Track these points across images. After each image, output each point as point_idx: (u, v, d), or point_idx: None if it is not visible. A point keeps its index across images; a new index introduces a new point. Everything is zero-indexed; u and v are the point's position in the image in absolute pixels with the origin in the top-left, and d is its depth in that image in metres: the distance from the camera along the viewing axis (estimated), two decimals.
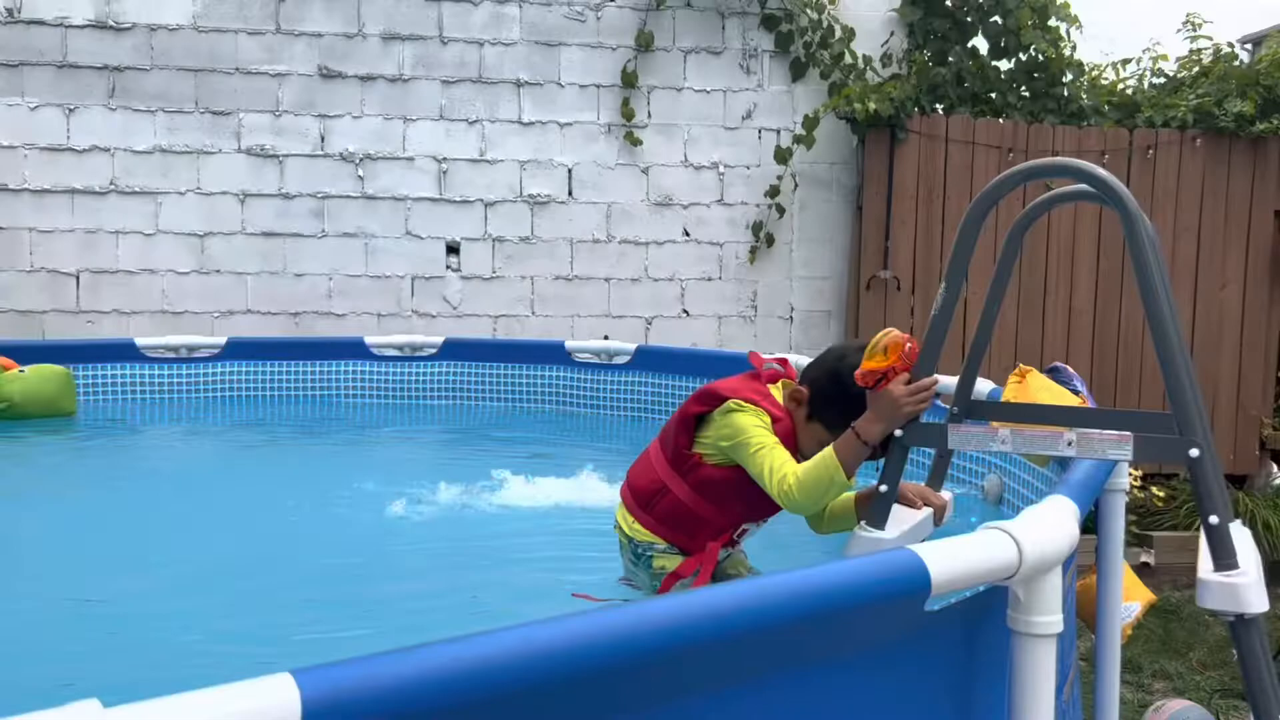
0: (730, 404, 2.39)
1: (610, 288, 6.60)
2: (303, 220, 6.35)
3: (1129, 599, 2.52)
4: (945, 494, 2.31)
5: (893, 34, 6.64)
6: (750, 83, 6.63)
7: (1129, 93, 6.76)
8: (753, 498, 2.39)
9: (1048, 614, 1.36)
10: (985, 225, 1.91)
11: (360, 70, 6.35)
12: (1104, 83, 6.90)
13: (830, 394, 2.33)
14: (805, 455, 2.37)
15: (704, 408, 2.46)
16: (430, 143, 6.43)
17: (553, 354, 5.60)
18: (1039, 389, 2.65)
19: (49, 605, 2.68)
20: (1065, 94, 6.54)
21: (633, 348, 5.46)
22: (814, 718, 1.22)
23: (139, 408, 5.40)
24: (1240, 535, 1.73)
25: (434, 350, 5.79)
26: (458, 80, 6.43)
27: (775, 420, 2.38)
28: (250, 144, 6.30)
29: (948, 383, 2.34)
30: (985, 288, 2.27)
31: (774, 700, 1.19)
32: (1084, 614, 2.55)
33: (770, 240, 6.64)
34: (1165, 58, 6.93)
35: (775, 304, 6.72)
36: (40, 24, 6.07)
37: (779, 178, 6.61)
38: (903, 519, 2.04)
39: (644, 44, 6.47)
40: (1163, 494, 6.33)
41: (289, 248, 6.35)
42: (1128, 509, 3.76)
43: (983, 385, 3.43)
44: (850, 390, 2.21)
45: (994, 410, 2.30)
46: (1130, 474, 4.65)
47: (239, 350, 5.61)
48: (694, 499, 2.46)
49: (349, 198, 6.39)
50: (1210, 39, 6.90)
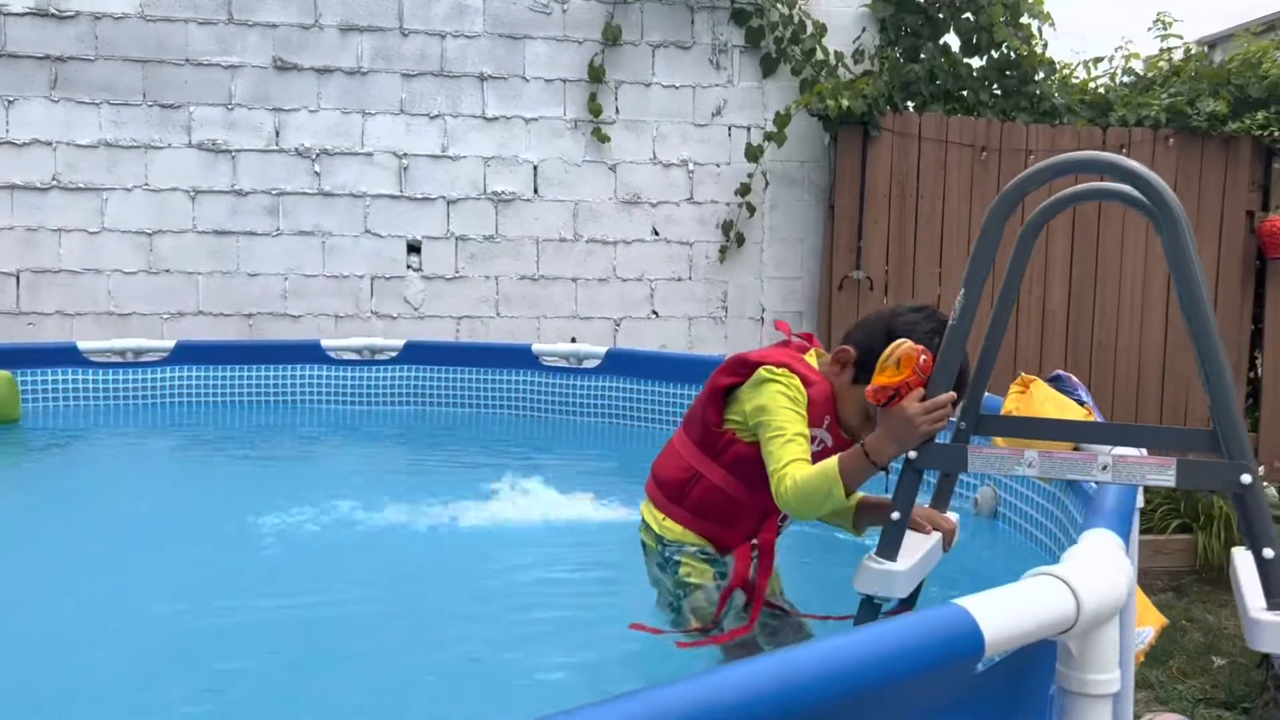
0: (762, 372, 2.21)
1: (577, 288, 6.41)
2: (256, 218, 6.10)
3: (1141, 623, 2.39)
4: (952, 516, 2.16)
5: (864, 30, 6.52)
6: (720, 78, 6.48)
7: (1101, 91, 6.70)
8: None
9: (1105, 671, 1.22)
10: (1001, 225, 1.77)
11: (317, 62, 6.11)
12: (1075, 81, 6.83)
13: (875, 349, 2.12)
14: (847, 424, 2.21)
15: (735, 379, 2.27)
16: (390, 138, 6.20)
17: (519, 357, 5.40)
18: (1044, 400, 2.51)
19: None
20: (1038, 92, 6.46)
21: (603, 351, 5.29)
22: None
23: (82, 415, 5.13)
24: None
25: (394, 353, 5.58)
26: (419, 73, 6.21)
27: (809, 384, 2.20)
28: (201, 138, 6.04)
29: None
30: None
31: None
32: None
33: (741, 240, 6.49)
34: (1137, 56, 6.88)
35: (746, 304, 6.57)
36: None
37: (749, 176, 6.46)
38: (912, 547, 1.88)
39: (611, 38, 6.29)
40: None
41: (242, 247, 6.10)
42: None
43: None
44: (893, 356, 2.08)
45: (1005, 426, 2.15)
46: None
47: (188, 354, 5.36)
48: (728, 481, 2.27)
49: (305, 194, 6.14)
50: (1180, 38, 6.86)
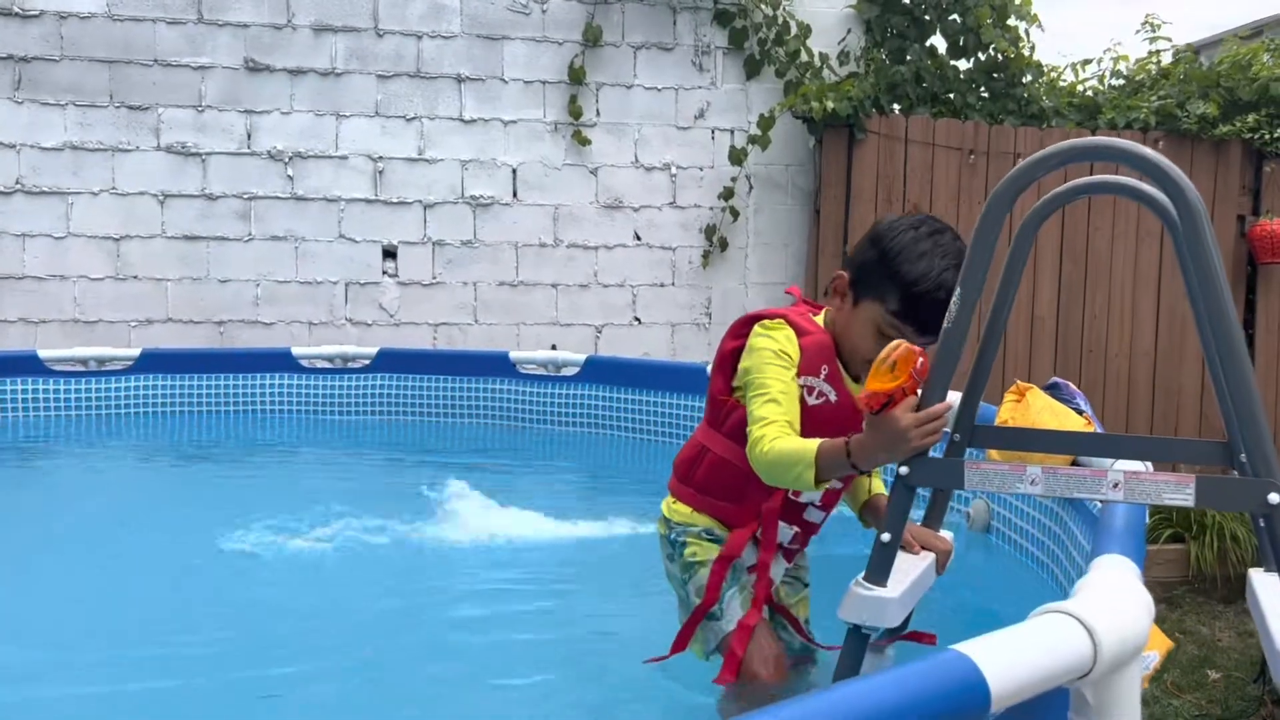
0: (755, 328, 2.09)
1: (558, 294, 6.27)
2: (227, 222, 5.94)
3: (1147, 648, 2.26)
4: (946, 535, 2.03)
5: (850, 31, 6.40)
6: (703, 80, 6.35)
7: (1089, 94, 6.60)
8: None
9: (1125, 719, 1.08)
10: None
11: (289, 63, 5.96)
12: (1063, 84, 6.74)
13: (870, 259, 2.02)
14: (859, 352, 2.03)
15: (739, 341, 2.15)
16: (365, 140, 6.05)
17: (496, 365, 5.25)
18: (1041, 409, 2.39)
19: None
20: (1025, 95, 6.35)
21: (582, 358, 5.14)
22: None
23: (42, 427, 4.95)
24: None
25: (367, 362, 5.41)
26: (394, 75, 6.06)
27: (804, 333, 2.06)
28: (170, 141, 5.87)
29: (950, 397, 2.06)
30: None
31: None
32: None
33: (724, 244, 6.36)
34: (1125, 58, 6.78)
35: (730, 311, 6.43)
36: None
37: (733, 179, 6.33)
38: (904, 570, 1.74)
39: (592, 39, 6.16)
40: None
41: (212, 252, 5.93)
42: None
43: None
44: (887, 248, 1.98)
45: (1004, 438, 2.02)
46: None
47: (153, 363, 5.19)
48: (732, 450, 2.12)
49: (277, 199, 5.98)
50: (1169, 40, 6.77)
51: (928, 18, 6.33)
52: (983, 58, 6.39)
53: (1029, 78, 6.41)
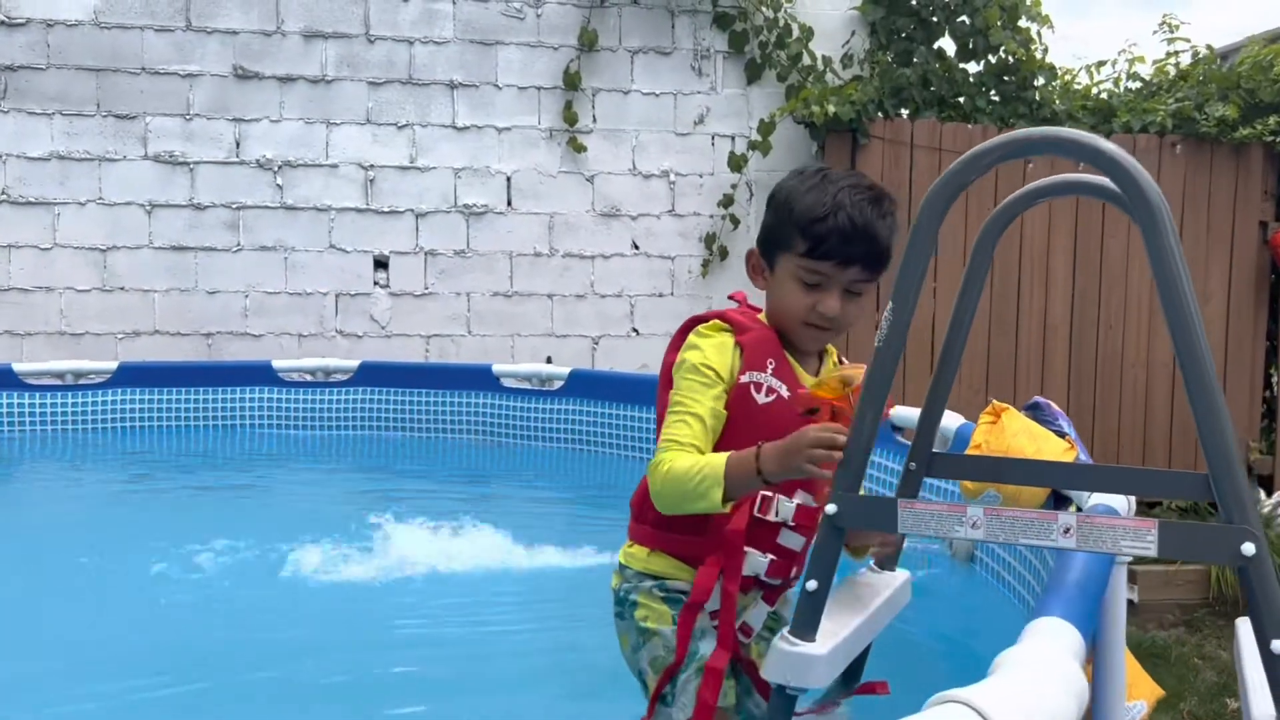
0: (690, 335, 1.89)
1: (553, 305, 6.11)
2: (216, 233, 5.83)
3: (1134, 696, 2.05)
4: (901, 574, 1.82)
5: (854, 34, 6.22)
6: (702, 85, 6.18)
7: (1104, 97, 6.38)
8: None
9: None
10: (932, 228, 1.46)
11: (279, 70, 5.85)
12: (1077, 87, 6.52)
13: (768, 221, 1.90)
14: (792, 314, 1.85)
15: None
16: (356, 149, 5.93)
17: (479, 379, 5.10)
18: (1016, 432, 2.19)
19: None
20: (1037, 98, 6.14)
21: (566, 372, 4.97)
22: None
23: (17, 443, 4.84)
24: None
25: (348, 375, 5.28)
26: (386, 81, 5.94)
27: (743, 330, 1.88)
28: (158, 150, 5.78)
29: (908, 415, 1.87)
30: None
31: None
32: None
33: (724, 253, 6.18)
34: (1141, 59, 6.55)
35: None
36: None
37: (733, 186, 6.16)
38: (839, 620, 1.54)
39: (588, 43, 6.01)
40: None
41: (200, 263, 5.83)
42: None
43: (950, 421, 2.97)
44: (779, 201, 1.86)
45: (963, 468, 1.83)
46: None
47: (131, 376, 5.08)
48: None
49: (266, 208, 5.87)
50: (1188, 41, 6.53)
51: (935, 19, 6.14)
52: (993, 60, 6.19)
53: (1041, 80, 6.20)
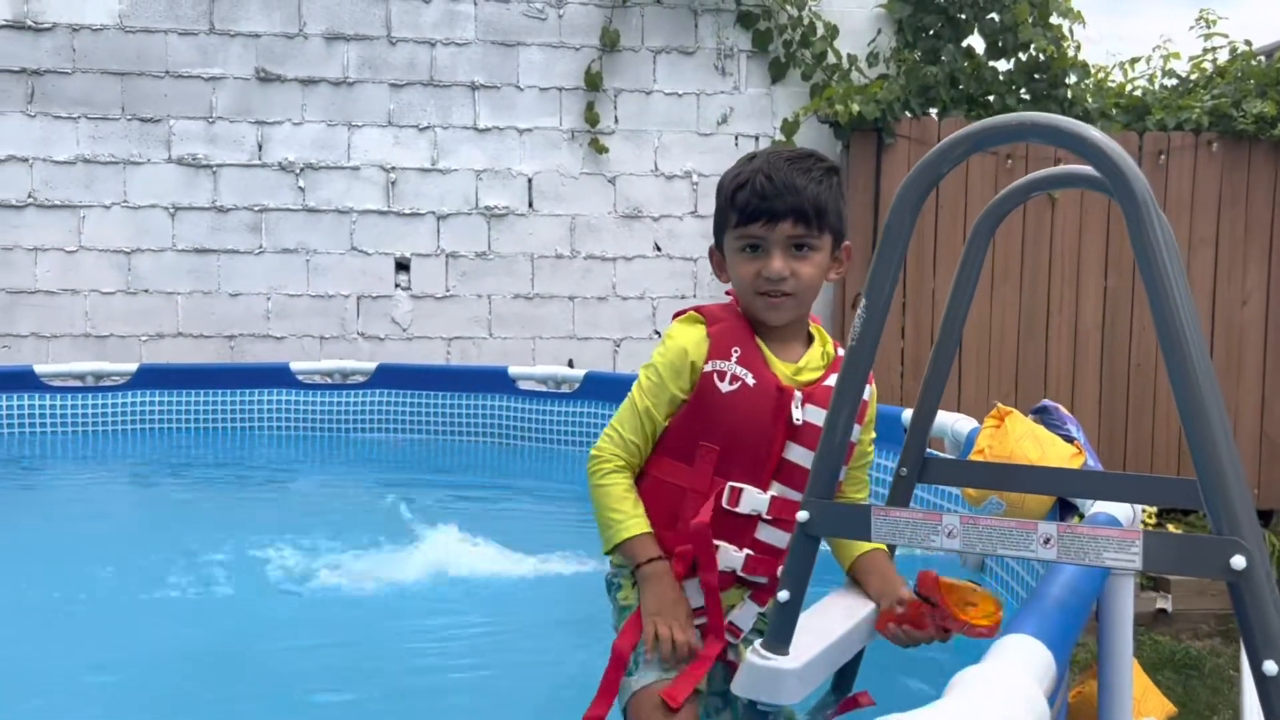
0: (669, 328, 1.95)
1: (575, 307, 6.07)
2: (238, 235, 5.85)
3: (1142, 713, 1.96)
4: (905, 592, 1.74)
5: (880, 31, 6.12)
6: (726, 85, 6.11)
7: (1138, 94, 6.22)
8: (730, 435, 1.82)
9: None
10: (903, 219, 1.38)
11: (301, 73, 5.86)
12: (1111, 85, 6.37)
13: (715, 215, 1.95)
14: (743, 285, 1.87)
15: None
16: (377, 151, 5.92)
17: (495, 381, 5.06)
18: (1020, 436, 2.11)
19: None
20: (1069, 96, 6.00)
21: (581, 374, 4.92)
22: None
23: (38, 444, 4.87)
24: None
25: (365, 377, 5.26)
26: (407, 83, 5.93)
27: (714, 321, 1.90)
28: (181, 153, 5.80)
29: (908, 417, 1.80)
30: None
31: None
32: None
33: None
34: (1177, 55, 6.39)
35: None
36: None
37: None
38: (815, 633, 1.47)
39: (610, 43, 5.96)
40: (1179, 530, 5.75)
41: (223, 265, 5.85)
42: None
43: (963, 425, 2.87)
44: (717, 194, 1.91)
45: (958, 471, 1.75)
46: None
47: (151, 378, 5.09)
48: (663, 465, 1.91)
49: (289, 211, 5.88)
50: (1226, 36, 6.36)
51: (963, 17, 6.02)
52: (1023, 58, 6.06)
53: (1073, 78, 6.06)
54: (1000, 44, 6.02)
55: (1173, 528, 5.77)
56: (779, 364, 1.87)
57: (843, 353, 1.93)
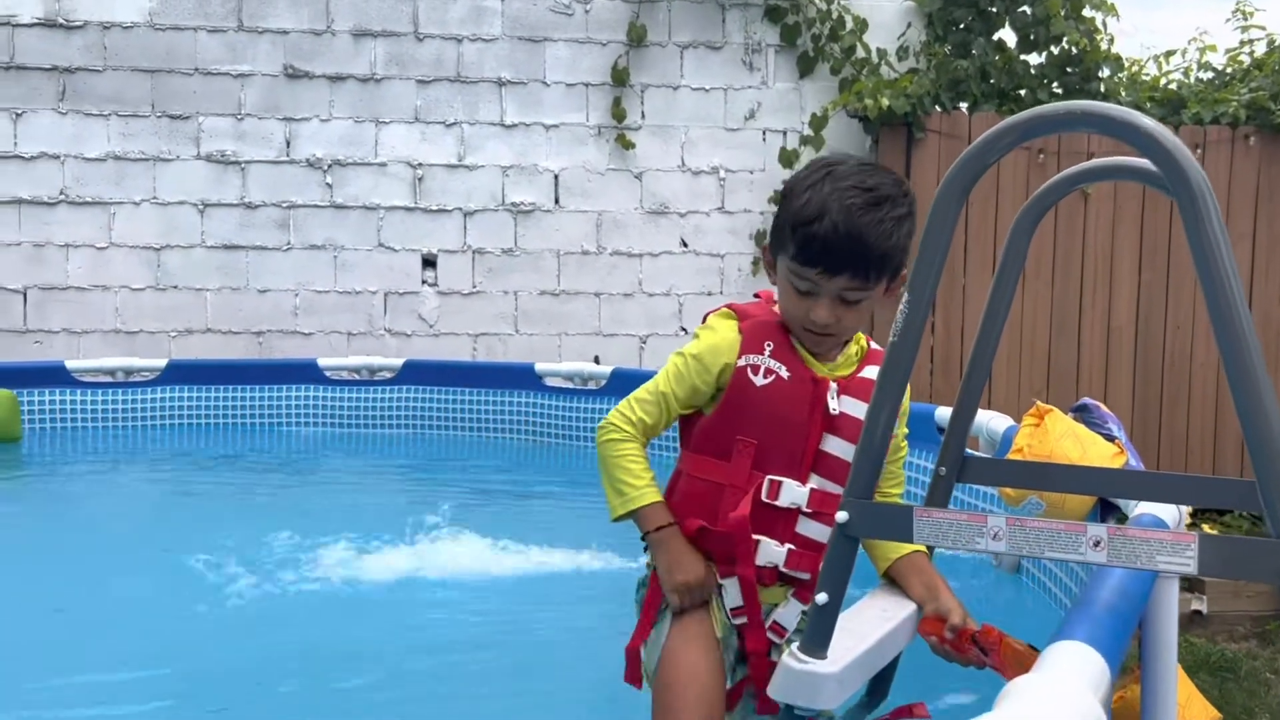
0: (702, 323, 1.94)
1: (601, 303, 6.05)
2: (266, 232, 5.87)
3: (1186, 718, 1.92)
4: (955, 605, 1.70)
5: (910, 25, 6.06)
6: (753, 80, 6.07)
7: (1173, 88, 6.13)
8: (766, 428, 1.81)
9: None
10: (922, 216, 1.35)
11: (329, 69, 5.87)
12: (1145, 78, 6.28)
13: (776, 216, 1.88)
14: (790, 318, 1.83)
15: None
16: (404, 147, 5.92)
17: (522, 378, 5.05)
18: (1061, 435, 2.07)
19: None
20: (1102, 90, 5.93)
21: (608, 371, 4.90)
22: None
23: (71, 438, 4.90)
24: None
25: (392, 373, 5.26)
26: (434, 79, 5.93)
27: (745, 317, 1.89)
28: (210, 150, 5.83)
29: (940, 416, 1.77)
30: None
31: None
32: None
33: None
34: (1213, 48, 6.29)
35: None
36: None
37: (785, 183, 6.03)
38: (855, 635, 1.44)
39: (636, 39, 5.93)
40: (1215, 531, 5.66)
41: (252, 261, 5.87)
42: None
43: (999, 423, 2.83)
44: (783, 194, 1.84)
45: (998, 471, 1.72)
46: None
47: (180, 374, 5.12)
48: (700, 463, 1.88)
49: (316, 207, 5.89)
50: (1263, 29, 6.26)
51: (994, 10, 5.96)
52: (1055, 51, 5.99)
53: (1106, 72, 5.98)
54: (1032, 37, 5.95)
55: (1207, 528, 5.68)
56: (811, 358, 1.86)
57: (876, 346, 1.92)
